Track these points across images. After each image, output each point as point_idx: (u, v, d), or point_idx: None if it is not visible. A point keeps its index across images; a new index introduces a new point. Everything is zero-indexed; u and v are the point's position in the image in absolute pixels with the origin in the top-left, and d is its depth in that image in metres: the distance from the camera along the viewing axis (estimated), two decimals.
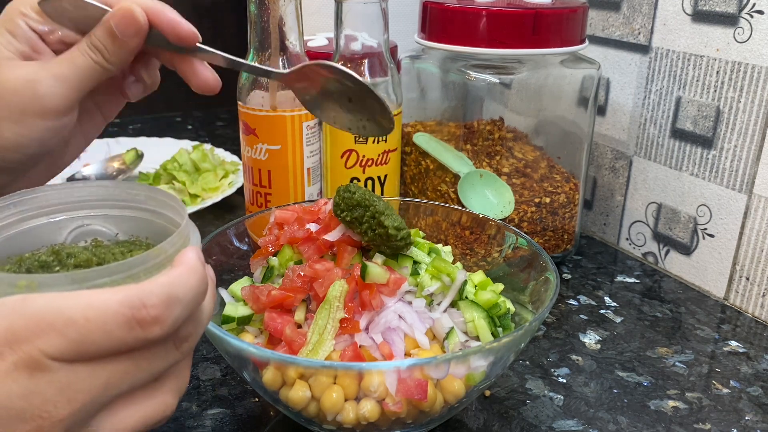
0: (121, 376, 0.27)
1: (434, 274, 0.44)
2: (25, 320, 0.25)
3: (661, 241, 0.68)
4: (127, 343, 0.26)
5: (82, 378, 0.26)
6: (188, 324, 0.29)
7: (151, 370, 0.28)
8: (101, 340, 0.25)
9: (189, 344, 0.29)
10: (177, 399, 0.30)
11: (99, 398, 0.26)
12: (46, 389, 0.25)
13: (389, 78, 0.60)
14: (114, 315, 0.25)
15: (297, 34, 0.58)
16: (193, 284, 0.28)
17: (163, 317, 0.26)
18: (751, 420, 0.46)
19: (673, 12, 0.62)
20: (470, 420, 0.46)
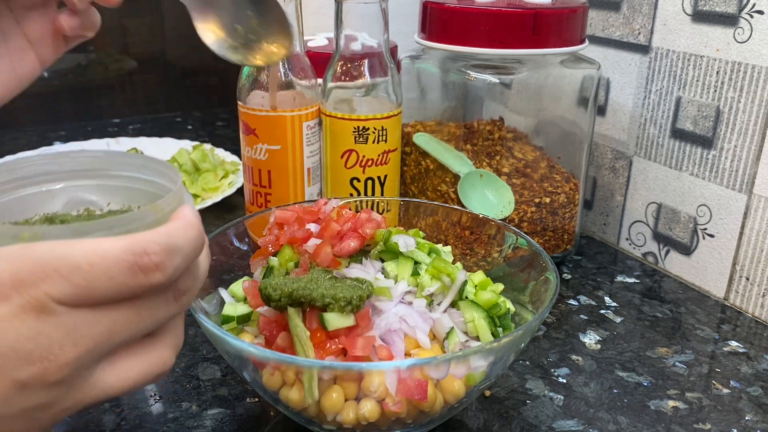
0: (124, 324, 0.27)
1: (434, 274, 0.44)
2: (31, 265, 0.25)
3: (661, 241, 0.68)
4: (130, 288, 0.27)
5: (87, 323, 0.26)
6: (186, 278, 0.30)
7: (152, 320, 0.29)
8: (105, 286, 0.26)
9: (187, 297, 0.30)
10: (174, 354, 0.31)
11: (103, 345, 0.27)
12: (53, 332, 0.26)
13: (389, 78, 0.60)
14: (117, 261, 0.26)
15: (297, 34, 0.58)
16: (191, 236, 0.28)
17: (164, 265, 0.27)
18: (751, 420, 0.46)
19: (673, 12, 0.62)
20: (470, 420, 0.46)
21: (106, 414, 0.45)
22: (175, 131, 1.14)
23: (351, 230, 0.45)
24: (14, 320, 0.25)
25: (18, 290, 0.25)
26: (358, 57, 0.59)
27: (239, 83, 0.59)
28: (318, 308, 0.38)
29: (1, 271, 0.25)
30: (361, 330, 0.39)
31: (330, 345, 0.38)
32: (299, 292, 0.38)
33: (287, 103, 0.58)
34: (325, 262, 0.43)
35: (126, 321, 0.28)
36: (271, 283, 0.39)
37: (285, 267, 0.44)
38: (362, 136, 0.59)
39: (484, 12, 0.58)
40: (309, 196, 0.61)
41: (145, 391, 0.48)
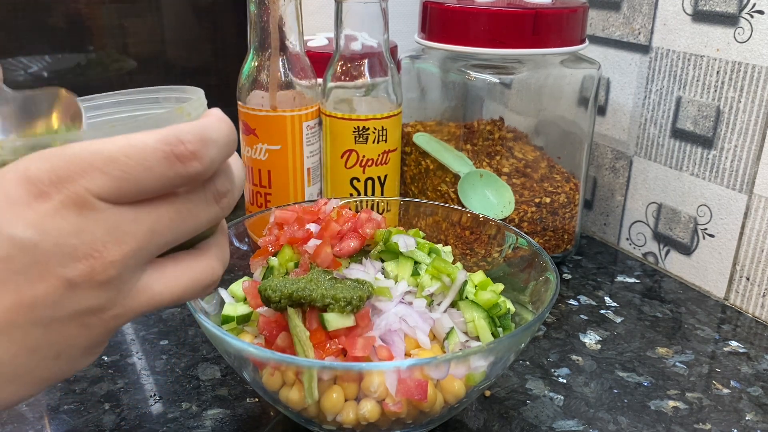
0: (166, 222, 0.27)
1: (434, 274, 0.44)
2: (67, 162, 0.25)
3: (662, 241, 0.68)
4: (169, 179, 0.26)
5: (129, 220, 0.26)
6: (224, 179, 0.29)
7: (194, 221, 0.28)
8: (143, 177, 0.26)
9: (228, 200, 0.30)
10: (222, 267, 0.31)
11: (147, 245, 0.27)
12: (95, 228, 0.25)
13: (389, 78, 0.60)
14: (153, 151, 0.26)
15: (297, 34, 0.58)
16: (225, 129, 0.28)
17: (200, 153, 0.27)
18: (751, 420, 0.46)
19: (673, 12, 0.62)
20: (470, 420, 0.46)
21: (106, 414, 0.45)
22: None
23: (351, 230, 0.45)
24: (56, 217, 0.25)
25: (56, 186, 0.25)
26: (358, 57, 0.59)
27: (239, 83, 0.59)
28: (318, 308, 0.38)
29: (38, 170, 0.25)
30: (361, 330, 0.39)
31: (330, 345, 0.38)
32: (299, 293, 0.38)
33: (287, 103, 0.58)
34: (325, 263, 0.43)
35: (168, 220, 0.27)
36: (271, 284, 0.39)
37: (285, 267, 0.44)
38: (362, 136, 0.59)
39: (484, 12, 0.58)
40: (309, 196, 0.61)
41: (145, 391, 0.48)
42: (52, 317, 0.26)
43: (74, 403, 0.46)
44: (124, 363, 0.51)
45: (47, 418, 0.45)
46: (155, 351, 0.53)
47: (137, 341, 0.54)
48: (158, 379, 0.49)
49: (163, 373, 0.50)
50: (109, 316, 0.27)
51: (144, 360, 0.51)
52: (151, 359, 0.52)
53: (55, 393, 0.47)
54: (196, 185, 0.28)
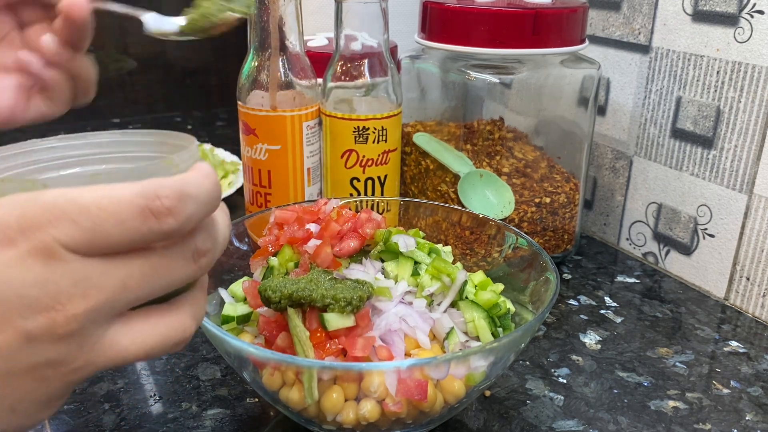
0: (138, 278, 0.26)
1: (434, 274, 0.44)
2: (38, 208, 0.24)
3: (662, 241, 0.68)
4: (142, 234, 0.25)
5: (98, 273, 0.25)
6: (205, 236, 0.28)
7: (168, 278, 0.27)
8: (115, 231, 0.25)
9: (207, 260, 0.28)
10: (195, 324, 0.29)
11: (115, 299, 0.25)
12: (60, 280, 0.24)
13: (389, 78, 0.60)
14: (128, 204, 0.25)
15: (297, 34, 0.58)
16: (207, 186, 0.27)
17: (177, 209, 0.26)
18: (751, 420, 0.46)
19: (673, 12, 0.62)
20: (470, 420, 0.46)
21: (106, 414, 0.45)
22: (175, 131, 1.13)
23: (351, 230, 0.45)
24: (21, 265, 0.24)
25: (24, 234, 0.24)
26: (358, 57, 0.59)
27: (239, 83, 0.59)
28: (318, 309, 0.38)
29: (8, 215, 0.24)
30: (361, 330, 0.39)
31: (330, 345, 0.38)
32: (299, 294, 0.38)
33: (287, 103, 0.58)
34: (325, 263, 0.43)
35: (140, 275, 0.26)
36: (271, 284, 0.39)
37: (285, 267, 0.44)
38: (362, 136, 0.59)
39: (484, 12, 0.58)
40: (309, 196, 0.61)
41: (145, 391, 0.48)
42: (7, 369, 0.25)
43: (74, 403, 0.46)
44: None
45: (47, 418, 0.45)
46: None
47: None
48: (158, 379, 0.49)
49: (163, 373, 0.50)
50: (68, 369, 0.26)
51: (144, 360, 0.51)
52: (151, 359, 0.51)
53: None
54: (175, 241, 0.27)
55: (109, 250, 0.25)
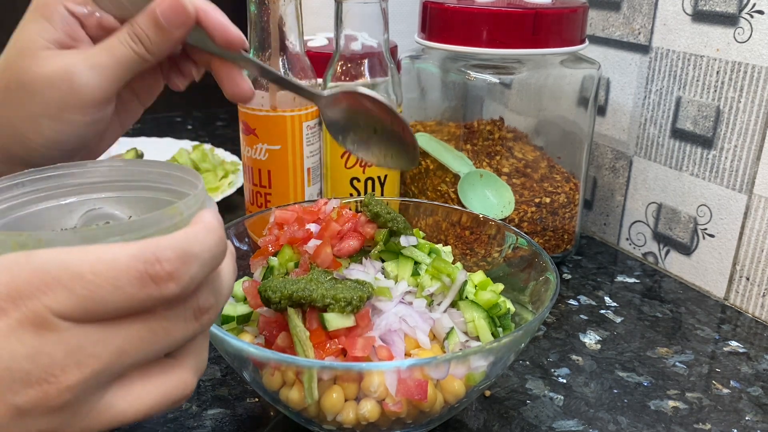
0: (136, 343, 0.24)
1: (434, 274, 0.44)
2: (29, 274, 0.23)
3: (661, 241, 0.68)
4: (141, 301, 0.24)
5: (93, 341, 0.23)
6: (208, 293, 0.27)
7: (168, 340, 0.25)
8: (112, 297, 0.23)
9: (209, 316, 0.27)
10: (197, 378, 0.28)
11: (112, 366, 0.24)
12: (54, 350, 0.23)
13: (389, 78, 0.60)
14: (125, 269, 0.23)
15: (297, 34, 0.58)
16: (210, 243, 0.25)
17: (178, 273, 0.24)
18: (751, 420, 0.46)
19: (673, 12, 0.62)
20: (470, 420, 0.46)
21: None
22: (175, 131, 1.13)
23: (351, 230, 0.45)
24: (10, 337, 0.23)
25: (15, 303, 0.23)
26: (358, 57, 0.59)
27: None
28: (318, 308, 0.38)
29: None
30: (361, 330, 0.39)
31: (330, 345, 0.38)
32: (299, 294, 0.38)
33: (287, 103, 0.58)
34: (326, 263, 0.43)
35: (138, 340, 0.24)
36: (271, 285, 0.39)
37: (285, 267, 0.44)
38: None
39: (484, 12, 0.58)
40: (309, 196, 0.61)
41: None
42: None
43: None
44: None
45: None
46: None
47: None
48: None
49: None
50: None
51: None
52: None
53: None
54: (176, 303, 0.25)
55: (106, 317, 0.24)
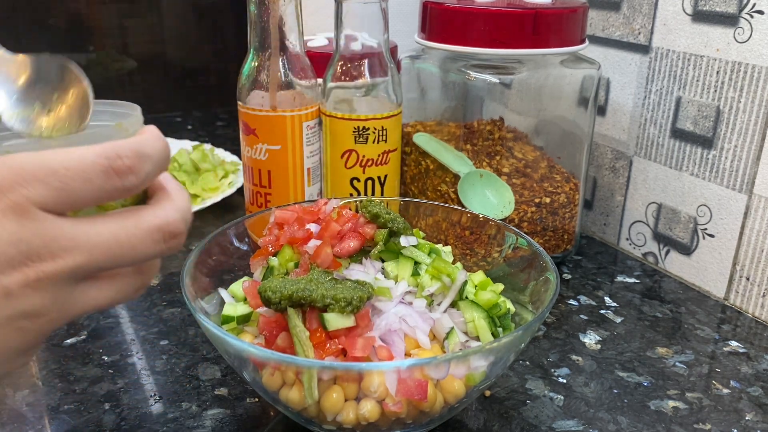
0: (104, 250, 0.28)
1: (434, 274, 0.44)
2: (8, 172, 0.26)
3: (661, 241, 0.68)
4: (107, 191, 0.28)
5: (67, 238, 0.27)
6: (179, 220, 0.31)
7: (135, 255, 0.29)
8: (82, 188, 0.27)
9: (177, 241, 0.31)
10: (150, 282, 0.33)
11: (81, 267, 0.28)
12: (32, 239, 0.26)
13: (389, 78, 0.60)
14: (92, 164, 0.27)
15: (297, 34, 0.58)
16: (159, 146, 0.30)
17: (136, 168, 0.28)
18: (751, 420, 0.46)
19: (673, 12, 0.62)
20: (470, 420, 0.46)
21: (106, 414, 0.45)
22: (175, 131, 1.13)
23: (351, 230, 0.45)
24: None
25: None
26: (358, 57, 0.59)
27: (239, 83, 0.59)
28: (318, 309, 0.38)
29: None
30: (361, 330, 0.39)
31: (330, 345, 0.38)
32: (299, 294, 0.38)
33: (287, 103, 0.58)
34: (326, 263, 0.43)
35: (107, 248, 0.28)
36: (271, 285, 0.39)
37: (285, 267, 0.44)
38: (362, 136, 0.59)
39: (484, 12, 0.58)
40: (309, 196, 0.61)
41: (145, 391, 0.48)
42: None
43: (74, 403, 0.46)
44: (124, 363, 0.51)
45: (47, 418, 0.45)
46: (155, 351, 0.53)
47: (137, 341, 0.54)
48: (158, 379, 0.49)
49: (163, 373, 0.50)
50: (43, 321, 0.28)
51: (144, 360, 0.51)
52: (151, 359, 0.52)
53: (55, 393, 0.47)
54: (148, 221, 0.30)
55: (78, 207, 0.28)
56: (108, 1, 1.19)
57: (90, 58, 1.20)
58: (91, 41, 1.20)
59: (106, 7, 1.19)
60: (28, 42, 1.15)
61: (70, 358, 0.51)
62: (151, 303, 0.59)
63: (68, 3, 1.16)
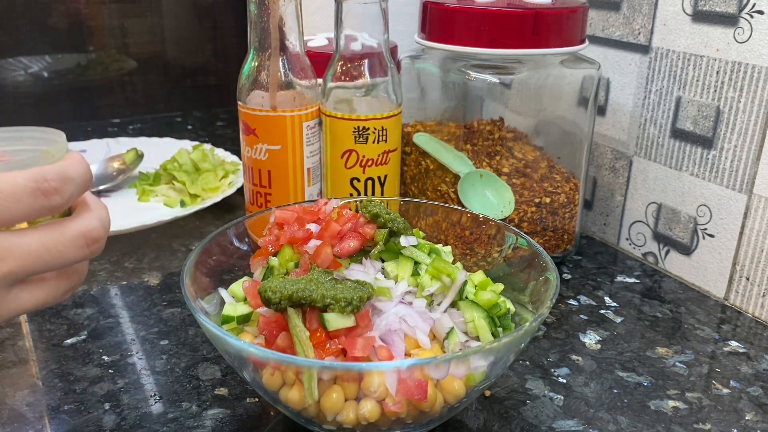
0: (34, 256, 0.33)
1: (434, 274, 0.44)
2: None
3: (661, 241, 0.68)
4: (35, 209, 0.32)
5: (4, 246, 0.32)
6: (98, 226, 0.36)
7: (62, 259, 0.34)
8: (14, 207, 0.32)
9: (99, 245, 0.36)
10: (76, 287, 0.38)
11: (17, 269, 0.32)
12: None
13: (389, 78, 0.60)
14: (23, 187, 0.32)
15: (297, 34, 0.58)
16: (81, 170, 0.34)
17: (61, 189, 0.33)
18: (751, 420, 0.46)
19: (673, 12, 0.62)
20: (470, 420, 0.46)
21: (106, 414, 0.45)
22: (175, 131, 1.14)
23: (351, 230, 0.45)
24: None
25: None
26: (358, 57, 0.59)
27: (239, 83, 0.59)
28: (318, 309, 0.38)
29: None
30: (361, 330, 0.39)
31: (330, 345, 0.38)
32: (299, 294, 0.38)
33: (287, 103, 0.58)
34: (326, 263, 0.43)
35: (36, 254, 0.33)
36: (271, 285, 0.39)
37: (285, 267, 0.44)
38: (362, 136, 0.59)
39: (484, 12, 0.58)
40: (309, 196, 0.61)
41: (145, 391, 0.48)
42: None
43: (74, 403, 0.46)
44: (124, 363, 0.51)
45: (47, 418, 0.45)
46: (155, 351, 0.53)
47: (137, 341, 0.54)
48: (158, 379, 0.49)
49: (163, 373, 0.50)
50: None
51: (144, 360, 0.51)
52: (151, 359, 0.52)
53: (55, 393, 0.47)
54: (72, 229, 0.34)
55: (10, 223, 0.32)
56: (108, 1, 1.19)
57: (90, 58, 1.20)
58: (91, 41, 1.20)
59: (106, 7, 1.19)
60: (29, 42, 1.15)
61: (70, 358, 0.51)
62: (151, 303, 0.59)
63: (68, 3, 1.16)
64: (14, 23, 1.13)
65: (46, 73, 1.17)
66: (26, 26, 1.14)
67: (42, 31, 1.15)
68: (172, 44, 1.27)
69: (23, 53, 1.15)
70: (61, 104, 1.19)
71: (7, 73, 1.15)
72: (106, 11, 1.19)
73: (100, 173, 0.85)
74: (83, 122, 1.19)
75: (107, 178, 0.85)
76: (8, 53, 1.14)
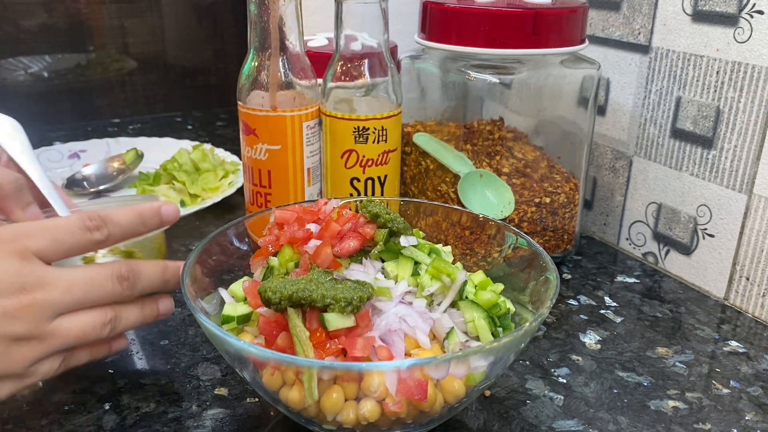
0: (80, 286, 0.39)
1: (434, 274, 0.44)
2: (12, 227, 0.39)
3: (661, 241, 0.68)
4: (84, 241, 0.40)
5: (53, 277, 0.38)
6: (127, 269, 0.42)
7: (100, 292, 0.40)
8: (67, 239, 0.39)
9: (129, 283, 0.42)
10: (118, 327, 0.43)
11: (63, 297, 0.38)
12: (28, 276, 0.37)
13: (389, 78, 0.60)
14: (74, 223, 0.40)
15: (297, 34, 0.58)
16: (128, 215, 0.42)
17: (103, 226, 0.41)
18: (751, 420, 0.46)
19: (673, 12, 0.62)
20: (470, 420, 0.46)
21: (107, 414, 0.45)
22: (175, 131, 1.14)
23: (351, 230, 0.45)
24: (2, 261, 0.37)
25: (5, 243, 0.38)
26: (358, 57, 0.59)
27: (239, 83, 0.59)
28: (318, 309, 0.38)
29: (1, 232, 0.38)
30: (361, 330, 0.39)
31: (330, 345, 0.38)
32: (299, 294, 0.38)
33: (287, 103, 0.58)
34: (326, 263, 0.43)
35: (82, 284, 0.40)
36: (271, 285, 0.39)
37: (285, 267, 0.44)
38: (362, 136, 0.59)
39: (484, 12, 0.58)
40: (309, 196, 0.61)
41: (145, 391, 0.48)
42: None
43: (74, 403, 0.46)
44: (124, 363, 0.51)
45: (47, 418, 0.45)
46: (155, 351, 0.53)
47: (137, 341, 0.54)
48: (158, 379, 0.49)
49: (163, 373, 0.50)
50: (26, 348, 0.37)
51: (144, 360, 0.51)
52: (151, 359, 0.52)
53: (55, 393, 0.47)
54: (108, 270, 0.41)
55: (65, 255, 0.40)
56: (108, 1, 1.19)
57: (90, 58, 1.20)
58: (91, 41, 1.20)
59: (106, 7, 1.19)
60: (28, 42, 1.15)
61: None
62: None
63: (68, 3, 1.16)
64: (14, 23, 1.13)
65: (46, 73, 1.17)
66: (26, 26, 1.14)
67: (42, 31, 1.15)
68: (172, 44, 1.27)
69: (23, 53, 1.15)
70: (61, 104, 1.19)
71: (7, 73, 1.15)
72: (106, 11, 1.19)
73: (100, 173, 0.85)
74: (83, 122, 1.19)
75: (107, 178, 0.85)
76: (8, 53, 1.14)
